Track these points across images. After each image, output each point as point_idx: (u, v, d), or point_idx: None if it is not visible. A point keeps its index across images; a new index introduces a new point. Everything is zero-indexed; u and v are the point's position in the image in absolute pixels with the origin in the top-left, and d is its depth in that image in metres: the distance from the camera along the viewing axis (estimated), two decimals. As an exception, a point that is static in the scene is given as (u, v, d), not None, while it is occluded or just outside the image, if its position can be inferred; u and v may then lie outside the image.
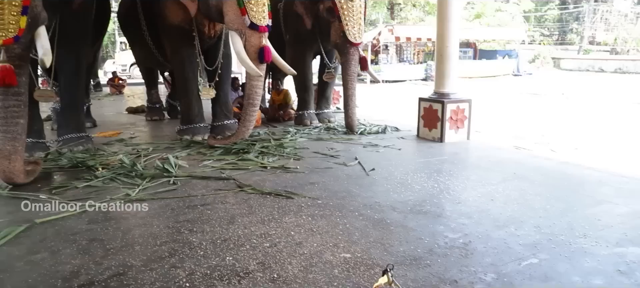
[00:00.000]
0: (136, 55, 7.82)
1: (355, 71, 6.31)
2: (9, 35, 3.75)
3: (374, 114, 8.16)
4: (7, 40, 3.74)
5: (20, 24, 3.78)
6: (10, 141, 3.85)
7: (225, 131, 5.77)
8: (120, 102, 10.76)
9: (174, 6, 5.29)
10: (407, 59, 22.87)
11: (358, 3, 6.09)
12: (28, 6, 3.81)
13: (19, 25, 3.78)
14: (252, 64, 4.77)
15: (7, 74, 3.75)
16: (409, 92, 14.01)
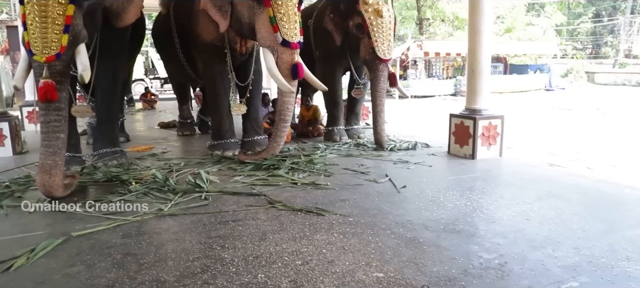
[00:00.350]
0: (169, 71, 7.99)
1: (384, 87, 6.30)
2: (51, 52, 3.89)
3: (404, 129, 8.10)
4: (50, 57, 3.89)
5: (62, 42, 3.93)
6: (51, 156, 3.98)
7: (256, 147, 5.82)
8: (152, 117, 10.98)
9: (206, 24, 5.39)
10: (436, 74, 22.71)
11: (388, 19, 6.09)
12: (70, 25, 3.96)
13: (61, 43, 3.93)
14: (285, 80, 4.82)
15: (49, 89, 3.89)
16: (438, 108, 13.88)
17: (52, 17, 3.88)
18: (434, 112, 12.81)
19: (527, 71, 24.43)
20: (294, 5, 4.87)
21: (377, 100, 6.27)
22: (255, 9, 4.89)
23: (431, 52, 20.71)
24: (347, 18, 6.32)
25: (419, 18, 28.21)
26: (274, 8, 4.76)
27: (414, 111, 13.12)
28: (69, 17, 3.95)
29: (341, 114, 7.13)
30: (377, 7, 6.05)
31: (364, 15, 6.04)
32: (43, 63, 3.89)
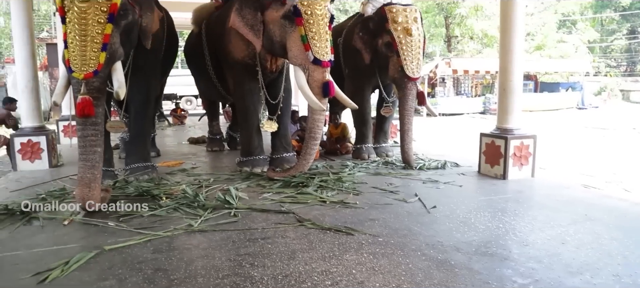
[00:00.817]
0: (199, 88, 8.13)
1: (412, 106, 6.26)
2: (89, 69, 4.01)
3: (433, 148, 8.01)
4: (88, 74, 4.01)
5: (99, 60, 4.05)
6: (90, 169, 4.08)
7: (284, 164, 5.84)
8: (182, 132, 11.16)
9: (238, 42, 5.48)
10: (464, 92, 22.51)
11: (417, 38, 6.08)
12: (107, 43, 4.08)
13: (99, 60, 4.04)
14: (316, 98, 4.85)
15: (87, 105, 4.00)
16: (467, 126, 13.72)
17: (91, 36, 4.02)
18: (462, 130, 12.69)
19: (558, 89, 23.99)
20: (325, 24, 4.92)
21: (405, 119, 6.24)
22: (287, 28, 4.95)
23: (460, 70, 20.57)
24: (376, 36, 6.33)
25: (448, 35, 28.13)
26: (305, 27, 4.81)
27: (442, 129, 12.99)
28: (107, 36, 4.07)
29: (370, 132, 7.11)
30: (407, 25, 6.04)
31: (393, 33, 6.05)
32: (81, 80, 4.01)
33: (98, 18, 4.04)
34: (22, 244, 3.43)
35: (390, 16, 6.11)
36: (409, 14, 6.15)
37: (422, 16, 6.48)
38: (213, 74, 6.48)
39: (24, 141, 6.49)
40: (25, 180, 5.65)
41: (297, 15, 4.83)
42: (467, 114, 19.92)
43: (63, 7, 4.07)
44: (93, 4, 4.03)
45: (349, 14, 27.49)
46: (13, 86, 18.63)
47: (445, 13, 27.33)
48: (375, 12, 6.54)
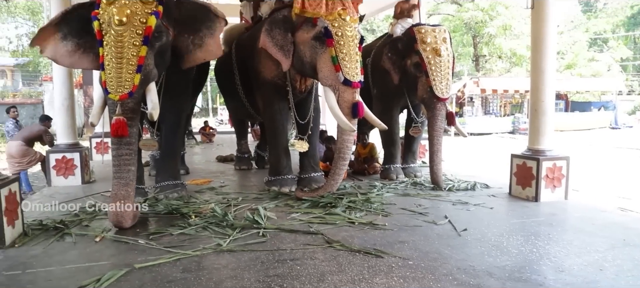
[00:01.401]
0: (229, 107, 8.23)
1: (441, 126, 6.20)
2: (124, 91, 4.11)
3: (461, 168, 7.89)
4: (123, 95, 4.10)
5: (134, 81, 4.14)
6: (124, 187, 4.17)
7: (312, 184, 5.84)
8: (211, 150, 11.28)
9: (268, 62, 5.54)
10: (493, 111, 22.23)
11: (446, 58, 6.05)
12: (142, 65, 4.17)
13: (134, 82, 4.14)
14: (346, 119, 4.86)
15: (121, 125, 4.10)
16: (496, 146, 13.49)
17: (127, 58, 4.12)
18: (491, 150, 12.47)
19: (590, 108, 23.48)
20: (355, 45, 4.95)
21: (434, 140, 6.18)
22: (317, 49, 5.00)
23: (488, 89, 20.35)
24: (405, 57, 6.33)
25: (475, 55, 27.89)
26: (336, 48, 4.85)
27: (470, 149, 12.80)
28: (142, 58, 4.17)
29: (398, 152, 7.06)
30: (436, 46, 6.02)
31: (422, 54, 6.03)
32: (117, 101, 4.11)
33: (133, 41, 4.15)
34: (55, 260, 3.50)
35: (419, 37, 6.10)
36: (438, 34, 6.13)
37: (451, 36, 6.45)
38: (242, 94, 6.56)
39: (58, 157, 6.67)
40: (58, 196, 5.79)
41: (328, 37, 4.87)
42: (496, 133, 19.61)
43: (101, 31, 4.20)
44: (129, 28, 4.14)
45: (376, 34, 27.69)
46: (50, 103, 19.27)
47: (473, 32, 27.15)
48: (404, 32, 6.54)
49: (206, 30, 4.94)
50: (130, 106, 4.20)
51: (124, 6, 4.18)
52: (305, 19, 5.07)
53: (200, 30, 4.92)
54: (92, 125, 4.68)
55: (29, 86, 26.24)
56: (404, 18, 7.06)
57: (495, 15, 25.22)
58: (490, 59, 28.45)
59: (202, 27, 4.94)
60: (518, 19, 25.47)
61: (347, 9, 5.01)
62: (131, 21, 4.16)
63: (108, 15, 4.17)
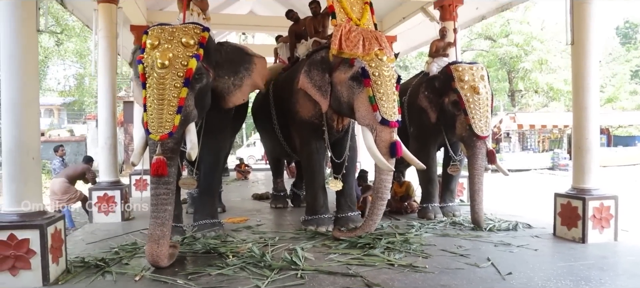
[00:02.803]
0: (265, 145, 8.31)
1: (482, 165, 6.08)
2: (165, 131, 4.21)
3: (501, 207, 7.66)
4: (163, 135, 4.20)
5: (174, 122, 4.24)
6: (160, 226, 4.22)
7: (349, 223, 5.76)
8: (246, 188, 11.34)
9: (306, 102, 5.60)
10: (531, 147, 21.71)
11: (484, 96, 5.98)
12: (182, 106, 4.27)
13: (174, 122, 4.23)
14: (384, 158, 4.83)
15: (160, 165, 4.18)
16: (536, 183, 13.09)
17: (168, 100, 4.24)
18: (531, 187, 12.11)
19: (634, 143, 22.63)
20: (392, 85, 4.96)
21: (475, 179, 6.05)
22: (355, 89, 5.02)
23: (525, 124, 19.99)
24: (443, 95, 6.29)
25: (511, 90, 27.51)
26: (373, 88, 4.86)
27: (509, 186, 12.46)
28: (182, 99, 4.28)
29: (436, 190, 6.93)
30: (474, 83, 5.97)
31: (460, 92, 5.99)
32: (157, 141, 4.20)
33: (175, 83, 4.28)
34: (97, 299, 3.53)
35: (457, 75, 6.07)
36: (475, 72, 6.08)
37: (488, 74, 6.38)
38: (279, 133, 6.62)
39: (100, 195, 6.84)
40: (99, 233, 5.93)
41: (365, 77, 4.89)
42: (535, 169, 19.10)
43: (144, 74, 4.35)
44: (170, 70, 4.28)
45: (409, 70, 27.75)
46: (92, 141, 19.97)
47: (508, 67, 26.87)
48: (441, 71, 6.52)
49: (245, 72, 5.15)
50: (170, 146, 4.28)
51: (166, 50, 4.34)
52: (342, 60, 5.11)
53: (239, 72, 5.09)
54: (133, 164, 4.80)
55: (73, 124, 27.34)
56: (439, 56, 7.05)
57: (530, 50, 24.95)
58: (526, 94, 28.02)
59: (241, 69, 5.11)
60: (554, 52, 25.13)
61: (384, 49, 5.04)
62: (173, 64, 4.30)
63: (152, 59, 4.34)
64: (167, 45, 4.40)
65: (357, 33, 5.03)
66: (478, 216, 5.99)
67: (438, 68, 6.69)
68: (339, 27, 5.08)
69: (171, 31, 4.51)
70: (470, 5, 8.81)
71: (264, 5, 13.96)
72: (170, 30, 4.52)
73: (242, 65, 5.21)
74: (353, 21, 5.18)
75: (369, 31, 5.17)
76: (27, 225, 4.03)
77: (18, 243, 3.94)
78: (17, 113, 4.21)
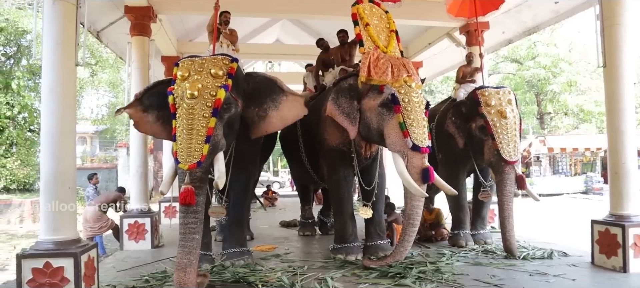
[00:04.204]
0: (293, 172, 8.34)
1: (511, 190, 5.95)
2: (193, 160, 4.26)
3: (534, 233, 7.45)
4: (192, 165, 4.25)
5: (203, 151, 4.29)
6: (187, 255, 4.24)
7: (379, 251, 5.69)
8: (273, 215, 11.34)
9: (333, 130, 5.61)
10: (562, 171, 21.15)
11: (512, 120, 5.91)
12: (211, 136, 4.34)
13: (202, 151, 4.29)
14: (416, 184, 4.80)
15: (189, 194, 4.22)
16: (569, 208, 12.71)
17: (197, 129, 4.31)
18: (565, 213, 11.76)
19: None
20: (422, 111, 4.97)
21: (505, 205, 5.92)
22: (385, 115, 5.03)
23: (556, 148, 19.55)
24: (470, 120, 6.25)
25: (540, 112, 27.05)
26: (403, 114, 4.88)
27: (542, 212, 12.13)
28: (211, 129, 4.34)
29: (467, 217, 6.80)
30: (501, 108, 5.91)
31: (486, 117, 5.94)
32: (186, 170, 4.26)
33: (203, 113, 4.35)
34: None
35: (483, 99, 6.03)
36: (502, 96, 6.03)
37: (516, 97, 6.30)
38: (306, 160, 6.64)
39: (131, 222, 6.95)
40: (130, 260, 6.01)
41: (395, 103, 4.91)
42: (567, 194, 18.59)
43: (174, 104, 4.45)
44: (199, 100, 4.37)
45: (434, 95, 27.60)
46: (123, 168, 20.43)
47: (535, 90, 26.48)
48: (467, 96, 6.48)
49: (271, 103, 5.14)
50: (199, 175, 4.33)
51: (196, 81, 4.45)
52: (371, 87, 5.14)
53: (265, 103, 5.12)
54: (162, 194, 4.88)
55: (105, 151, 28.05)
56: (466, 82, 7.02)
57: (558, 72, 24.57)
58: (555, 116, 27.50)
59: (267, 100, 5.13)
60: (583, 74, 24.68)
61: (412, 76, 5.06)
62: (202, 94, 4.39)
63: (181, 90, 4.44)
64: (196, 76, 4.50)
65: (385, 60, 5.06)
66: (510, 243, 5.84)
67: (465, 93, 6.65)
68: (367, 54, 5.12)
69: (201, 63, 4.62)
70: (497, 29, 8.78)
71: (289, 34, 14.21)
72: (200, 61, 4.63)
73: (270, 97, 5.15)
74: (380, 49, 5.21)
75: (396, 58, 5.20)
76: (62, 253, 4.15)
77: (53, 271, 4.05)
78: (54, 144, 4.37)
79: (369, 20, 5.35)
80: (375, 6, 5.59)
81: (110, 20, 8.22)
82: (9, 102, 16.67)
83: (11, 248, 10.66)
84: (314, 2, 8.74)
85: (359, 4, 5.44)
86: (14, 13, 16.43)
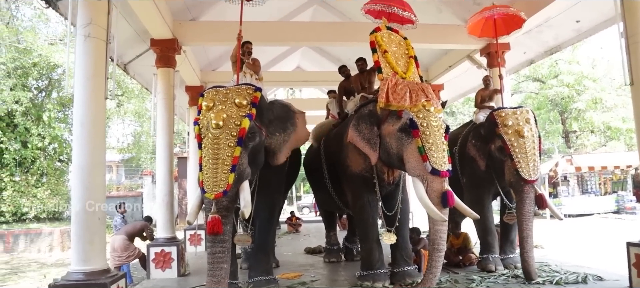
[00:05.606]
0: (317, 198, 8.34)
1: (530, 210, 5.85)
2: (219, 190, 4.33)
3: (566, 256, 7.24)
4: (218, 194, 4.32)
5: (229, 180, 4.36)
6: (216, 284, 4.31)
7: (407, 278, 5.62)
8: (298, 241, 11.28)
9: (356, 156, 5.63)
10: (591, 190, 20.60)
11: (530, 139, 5.86)
12: (236, 165, 4.40)
13: (228, 181, 4.35)
14: (436, 209, 4.75)
15: (216, 223, 4.28)
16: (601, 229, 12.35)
17: (222, 159, 4.39)
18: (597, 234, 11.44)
19: None
20: (441, 135, 4.96)
21: (523, 225, 5.81)
22: (404, 140, 5.03)
23: (584, 167, 19.07)
24: (489, 142, 6.23)
25: (565, 131, 26.57)
26: (422, 138, 4.87)
27: (572, 233, 11.81)
28: (236, 158, 4.42)
29: (495, 240, 6.66)
30: (518, 127, 5.88)
31: (504, 137, 5.91)
32: (212, 199, 4.32)
33: (228, 142, 4.44)
34: None
35: (500, 120, 6.02)
36: (519, 116, 6.00)
37: (535, 116, 6.23)
38: (331, 187, 6.65)
39: (157, 251, 7.02)
40: (156, 289, 6.03)
41: (414, 128, 4.91)
42: (598, 214, 18.07)
43: (200, 135, 4.54)
44: (224, 130, 4.46)
45: (456, 116, 27.40)
46: (148, 196, 20.72)
47: (559, 108, 26.06)
48: (485, 118, 6.46)
49: (291, 127, 5.35)
50: (225, 204, 4.39)
51: (221, 111, 4.54)
52: (390, 112, 5.17)
53: (287, 128, 5.28)
54: (189, 223, 4.94)
55: (130, 179, 28.52)
56: (485, 105, 6.99)
57: (582, 90, 24.19)
58: (581, 134, 26.97)
59: (288, 124, 5.32)
60: (608, 90, 24.24)
61: (431, 100, 5.08)
62: (227, 124, 4.48)
63: (207, 120, 4.54)
64: (221, 106, 4.60)
65: (403, 86, 5.09)
66: (529, 265, 5.71)
67: (485, 116, 6.62)
68: (385, 81, 5.16)
69: (225, 93, 4.72)
70: (518, 50, 8.75)
71: (310, 60, 14.41)
72: (224, 92, 4.74)
73: (289, 121, 5.39)
74: (399, 75, 5.25)
75: (415, 83, 5.23)
76: (92, 284, 4.25)
77: (84, 301, 4.10)
78: (84, 176, 4.51)
79: (387, 47, 5.41)
80: (393, 33, 5.66)
81: (136, 53, 8.49)
82: (41, 134, 17.19)
83: (42, 277, 10.87)
84: (334, 30, 8.90)
85: (376, 32, 5.52)
86: (46, 49, 17.07)
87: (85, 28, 4.63)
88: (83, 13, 4.70)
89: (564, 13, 7.42)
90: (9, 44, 16.51)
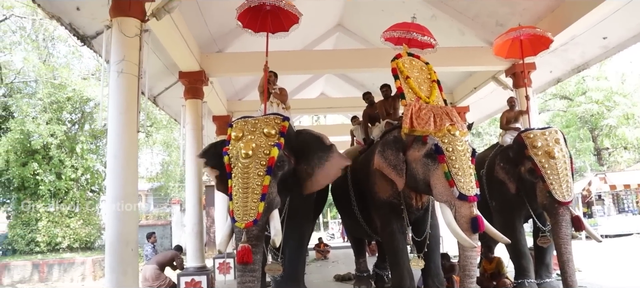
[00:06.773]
0: (346, 225, 8.30)
1: (568, 233, 5.67)
2: (249, 219, 4.37)
3: (605, 279, 6.98)
4: (248, 223, 4.36)
5: (258, 209, 4.40)
6: None
7: (440, 305, 5.52)
8: (326, 268, 11.18)
9: (382, 182, 5.60)
10: (628, 209, 19.89)
11: (561, 159, 5.75)
12: (266, 193, 4.44)
13: (258, 210, 4.40)
14: (465, 235, 4.68)
15: (246, 253, 4.31)
16: (640, 250, 11.87)
17: (252, 188, 4.44)
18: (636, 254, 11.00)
19: None
20: (467, 159, 4.92)
21: (562, 249, 5.63)
22: (430, 166, 5.00)
23: (619, 185, 18.45)
24: (518, 165, 6.12)
25: (596, 148, 25.88)
26: (448, 163, 4.84)
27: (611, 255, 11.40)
28: (266, 187, 4.47)
29: (530, 264, 6.45)
30: (548, 148, 5.78)
31: (534, 159, 5.81)
32: (242, 228, 4.36)
33: (258, 171, 4.50)
34: None
35: (529, 142, 5.92)
36: (548, 136, 5.90)
37: (564, 136, 6.11)
38: (359, 215, 6.60)
39: (188, 280, 7.10)
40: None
41: (439, 153, 4.89)
42: (637, 234, 17.41)
43: (230, 164, 4.61)
44: (254, 159, 4.52)
45: (482, 137, 27.02)
46: (176, 225, 20.93)
47: (589, 125, 25.44)
48: (513, 140, 6.36)
49: (317, 161, 5.22)
50: (255, 233, 4.43)
51: (250, 141, 4.62)
52: (415, 138, 5.15)
53: (312, 160, 5.21)
54: (220, 252, 4.97)
55: (159, 208, 28.92)
56: (511, 126, 6.91)
57: (612, 106, 23.59)
58: (614, 151, 26.22)
59: (314, 157, 5.22)
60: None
61: (455, 124, 5.05)
62: (256, 154, 4.55)
63: (236, 150, 4.61)
64: (250, 136, 4.68)
65: (427, 110, 5.08)
66: None
67: (511, 138, 6.53)
68: (409, 106, 5.18)
69: (253, 123, 4.80)
70: (544, 69, 8.64)
71: (334, 87, 14.53)
72: (252, 122, 4.82)
73: (316, 154, 5.24)
74: (422, 99, 5.25)
75: (439, 108, 5.22)
76: (127, 314, 4.27)
77: (119, 332, 4.16)
78: (118, 208, 4.63)
79: (410, 73, 5.44)
80: (414, 59, 5.69)
81: (165, 85, 8.73)
82: (74, 165, 17.65)
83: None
84: (357, 56, 9.00)
85: (398, 58, 5.56)
86: (80, 83, 17.67)
87: (118, 64, 4.83)
88: (116, 50, 4.90)
89: (590, 30, 7.33)
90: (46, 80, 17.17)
